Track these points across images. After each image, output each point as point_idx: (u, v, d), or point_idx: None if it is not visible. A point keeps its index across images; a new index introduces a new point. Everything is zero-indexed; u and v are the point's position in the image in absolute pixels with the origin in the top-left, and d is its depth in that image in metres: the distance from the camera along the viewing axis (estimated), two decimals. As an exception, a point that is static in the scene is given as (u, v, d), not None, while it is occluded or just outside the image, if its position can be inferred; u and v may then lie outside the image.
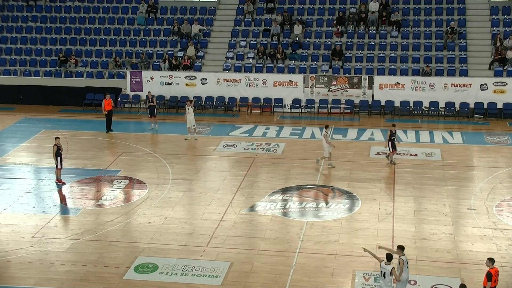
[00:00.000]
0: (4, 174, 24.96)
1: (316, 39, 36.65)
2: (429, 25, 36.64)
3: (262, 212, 21.26)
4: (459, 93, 32.66)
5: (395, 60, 35.01)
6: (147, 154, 27.16)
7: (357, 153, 27.01)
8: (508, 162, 25.75)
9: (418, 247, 18.64)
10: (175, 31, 37.67)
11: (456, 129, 30.86)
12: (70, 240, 19.25)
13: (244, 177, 24.28)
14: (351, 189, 23.05)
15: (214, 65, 36.18)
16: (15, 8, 40.62)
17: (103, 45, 37.93)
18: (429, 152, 27.02)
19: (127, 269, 17.50)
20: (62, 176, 23.98)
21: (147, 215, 21.07)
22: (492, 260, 14.75)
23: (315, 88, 33.84)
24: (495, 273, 14.66)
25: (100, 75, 36.11)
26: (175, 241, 19.17)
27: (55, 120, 32.70)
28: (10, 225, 20.29)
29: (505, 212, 21.00)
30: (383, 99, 33.31)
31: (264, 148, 27.77)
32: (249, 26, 37.93)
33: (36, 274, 17.28)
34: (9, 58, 37.62)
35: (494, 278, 14.66)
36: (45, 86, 35.90)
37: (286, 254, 18.29)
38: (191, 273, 17.23)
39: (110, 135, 29.96)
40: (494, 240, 19.00)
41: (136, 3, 39.82)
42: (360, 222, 20.35)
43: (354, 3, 38.15)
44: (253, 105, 34.17)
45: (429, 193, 22.61)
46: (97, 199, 22.52)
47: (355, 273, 17.18)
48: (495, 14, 36.46)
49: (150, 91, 32.40)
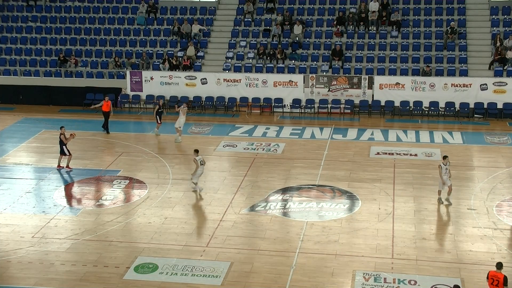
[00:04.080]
0: (4, 174, 24.96)
1: (316, 39, 36.66)
2: (429, 25, 36.64)
3: (262, 212, 21.26)
4: (459, 93, 32.66)
5: (395, 60, 35.01)
6: (147, 154, 27.17)
7: (357, 153, 27.01)
8: (508, 162, 25.76)
9: (418, 247, 18.65)
10: (175, 31, 37.68)
11: (456, 129, 30.86)
12: (70, 240, 19.25)
13: (244, 177, 24.28)
14: (351, 189, 23.06)
15: (214, 65, 36.18)
16: (15, 8, 40.62)
17: (103, 45, 37.93)
18: (429, 152, 27.02)
19: (127, 269, 17.50)
20: (62, 175, 24.02)
21: (147, 215, 21.07)
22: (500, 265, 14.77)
23: (315, 88, 33.84)
24: (493, 276, 14.64)
25: (100, 75, 36.11)
26: (175, 241, 19.17)
27: (55, 120, 32.68)
28: (10, 225, 20.29)
29: (505, 212, 21.01)
30: (383, 99, 33.31)
31: (264, 148, 27.78)
32: (249, 26, 37.94)
33: (36, 274, 17.28)
34: (9, 58, 37.62)
35: (490, 281, 14.66)
36: (45, 86, 35.90)
37: (286, 254, 18.29)
38: (191, 273, 17.23)
39: (110, 135, 29.92)
40: (494, 240, 19.00)
41: (136, 3, 39.83)
42: (360, 222, 20.36)
43: (354, 3, 38.16)
44: (253, 105, 34.17)
45: (429, 193, 22.60)
46: (97, 199, 22.52)
47: (355, 273, 17.17)
48: (495, 14, 36.47)
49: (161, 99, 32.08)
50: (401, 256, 18.12)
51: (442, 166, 21.36)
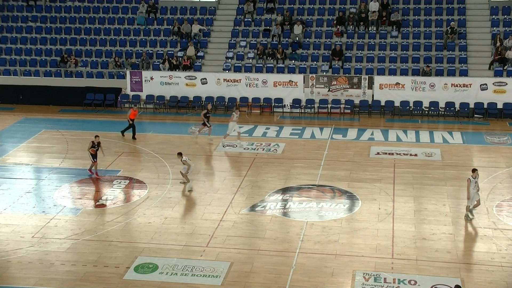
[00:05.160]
0: (4, 174, 24.96)
1: (316, 39, 36.66)
2: (429, 25, 36.64)
3: (262, 212, 21.26)
4: (459, 93, 32.66)
5: (395, 60, 35.01)
6: (147, 154, 27.16)
7: (357, 153, 27.01)
8: (508, 162, 25.76)
9: (418, 247, 18.65)
10: (175, 31, 37.68)
11: (456, 129, 30.86)
12: (70, 240, 19.25)
13: (244, 177, 24.27)
14: (351, 189, 23.06)
15: (214, 65, 36.18)
16: (15, 8, 40.62)
17: (103, 45, 37.93)
18: (429, 152, 27.02)
19: (127, 269, 17.50)
20: (62, 175, 23.99)
21: (147, 215, 21.08)
22: None
23: (315, 88, 33.84)
24: None
25: (100, 75, 36.10)
26: (175, 241, 19.17)
27: (55, 120, 32.70)
28: (10, 225, 20.29)
29: (505, 212, 21.01)
30: (383, 99, 33.30)
31: (264, 148, 27.78)
32: (249, 26, 37.94)
33: (36, 274, 17.29)
34: (9, 58, 37.61)
35: None
36: (45, 86, 35.89)
37: (286, 254, 18.29)
38: (191, 273, 17.23)
39: (113, 135, 29.93)
40: (494, 240, 19.00)
41: (136, 3, 39.82)
42: (360, 222, 20.36)
43: (354, 3, 38.16)
44: (253, 105, 34.17)
45: (429, 193, 22.61)
46: (97, 199, 22.52)
47: (355, 273, 17.18)
48: (495, 14, 36.47)
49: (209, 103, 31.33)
50: (401, 256, 18.12)
51: (471, 179, 20.09)
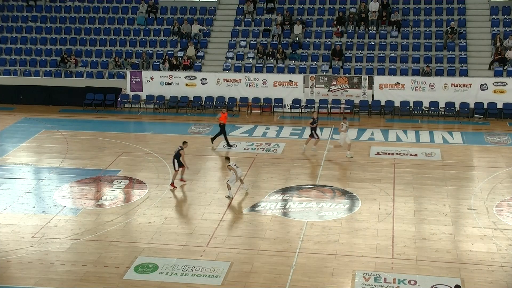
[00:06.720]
0: (4, 174, 24.95)
1: (316, 39, 36.66)
2: (429, 25, 36.64)
3: (262, 212, 21.26)
4: (459, 93, 32.66)
5: (395, 60, 35.01)
6: (147, 154, 27.16)
7: (357, 153, 26.99)
8: (508, 162, 25.75)
9: (418, 247, 18.65)
10: (175, 31, 37.68)
11: (456, 129, 30.86)
12: (70, 240, 19.25)
13: (244, 177, 24.26)
14: (351, 189, 23.06)
15: (214, 65, 36.18)
16: (15, 8, 40.61)
17: (103, 45, 37.93)
18: (429, 152, 27.02)
19: (127, 269, 17.49)
20: (62, 176, 24.00)
21: (147, 215, 21.08)
22: None
23: (315, 88, 33.84)
24: None
25: (100, 75, 36.10)
26: (175, 241, 19.17)
27: (55, 120, 32.70)
28: (10, 225, 20.29)
29: (505, 212, 21.00)
30: (383, 99, 33.30)
31: (264, 148, 27.78)
32: (249, 26, 37.94)
33: (36, 274, 17.28)
34: (9, 58, 37.62)
35: None
36: (45, 86, 35.89)
37: (286, 254, 18.29)
38: (191, 273, 17.23)
39: (116, 135, 29.92)
40: (494, 240, 19.00)
41: (136, 3, 39.83)
42: (360, 222, 20.35)
43: (354, 3, 38.16)
44: (253, 105, 34.17)
45: (429, 193, 22.61)
46: (97, 199, 22.52)
47: (355, 273, 17.17)
48: (495, 14, 36.47)
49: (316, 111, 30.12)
50: (401, 256, 18.12)
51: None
